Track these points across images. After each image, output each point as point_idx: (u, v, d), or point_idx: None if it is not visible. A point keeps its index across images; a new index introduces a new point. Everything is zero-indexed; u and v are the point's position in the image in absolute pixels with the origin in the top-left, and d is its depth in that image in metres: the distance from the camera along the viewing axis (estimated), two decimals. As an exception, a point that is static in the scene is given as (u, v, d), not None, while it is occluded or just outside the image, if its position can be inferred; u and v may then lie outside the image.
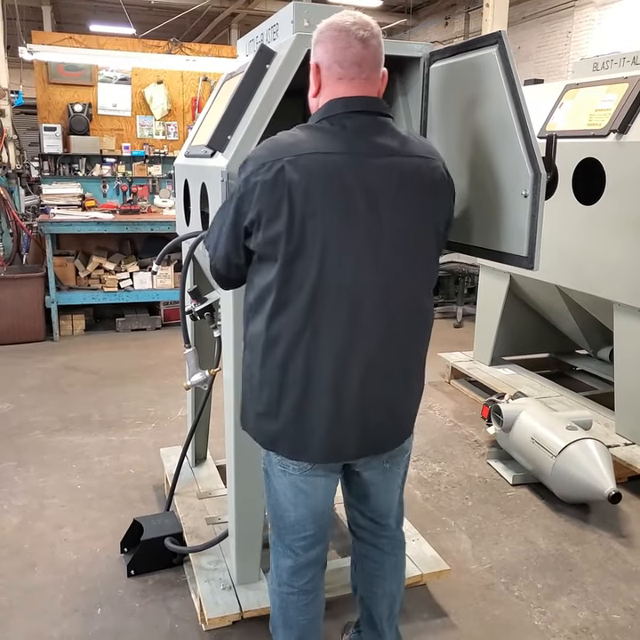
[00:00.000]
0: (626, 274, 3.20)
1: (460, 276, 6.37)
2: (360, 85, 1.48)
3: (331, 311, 1.43)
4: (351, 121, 1.46)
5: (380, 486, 1.71)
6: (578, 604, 2.37)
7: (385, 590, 1.85)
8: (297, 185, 1.38)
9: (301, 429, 1.50)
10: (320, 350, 1.45)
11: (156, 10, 10.96)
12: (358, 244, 1.43)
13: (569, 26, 9.48)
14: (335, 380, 1.47)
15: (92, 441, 3.61)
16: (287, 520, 1.63)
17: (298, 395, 1.48)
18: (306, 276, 1.41)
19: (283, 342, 1.46)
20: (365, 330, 1.47)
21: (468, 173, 1.88)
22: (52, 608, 2.29)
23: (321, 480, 1.59)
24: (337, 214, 1.41)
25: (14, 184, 5.92)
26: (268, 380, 1.50)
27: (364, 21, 1.47)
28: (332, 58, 1.47)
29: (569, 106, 3.61)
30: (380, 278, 1.46)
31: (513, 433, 3.21)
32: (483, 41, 1.76)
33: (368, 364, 1.49)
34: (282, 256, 1.41)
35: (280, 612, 1.73)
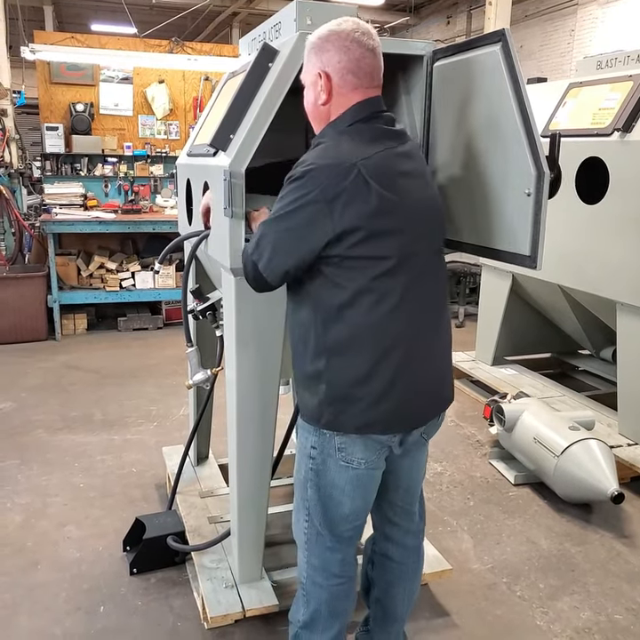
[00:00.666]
0: (629, 273, 3.19)
1: (462, 276, 6.36)
2: (373, 92, 1.59)
3: (413, 291, 1.54)
4: (382, 119, 1.57)
5: (415, 462, 1.76)
6: (580, 605, 2.37)
7: (406, 591, 1.88)
8: (378, 181, 1.44)
9: (402, 399, 1.56)
10: (413, 328, 1.55)
11: (157, 9, 10.96)
12: (427, 218, 1.60)
13: (572, 24, 9.46)
14: (419, 347, 1.57)
15: (95, 440, 3.61)
16: (341, 512, 1.66)
17: (402, 369, 1.54)
18: (402, 257, 1.50)
19: (394, 329, 1.52)
20: (428, 297, 1.60)
21: (471, 171, 1.87)
22: (54, 606, 2.30)
23: (378, 471, 1.66)
24: (411, 199, 1.52)
25: (16, 184, 5.93)
26: (381, 368, 1.52)
27: (368, 30, 1.55)
28: (347, 68, 1.53)
29: (572, 104, 3.60)
30: (431, 247, 1.61)
31: (515, 433, 3.20)
32: (486, 39, 1.75)
33: (431, 328, 1.61)
34: (393, 248, 1.48)
35: (327, 605, 1.73)
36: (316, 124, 1.62)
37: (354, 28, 1.52)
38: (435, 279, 1.63)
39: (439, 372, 1.66)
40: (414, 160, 1.60)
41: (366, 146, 1.49)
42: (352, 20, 1.56)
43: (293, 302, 1.62)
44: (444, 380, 1.69)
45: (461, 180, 1.93)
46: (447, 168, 1.99)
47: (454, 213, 1.97)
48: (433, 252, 1.63)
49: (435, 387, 1.65)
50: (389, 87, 2.18)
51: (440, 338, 1.65)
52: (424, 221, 1.58)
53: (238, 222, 1.85)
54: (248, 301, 1.94)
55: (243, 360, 2.04)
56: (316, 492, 1.65)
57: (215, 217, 2.01)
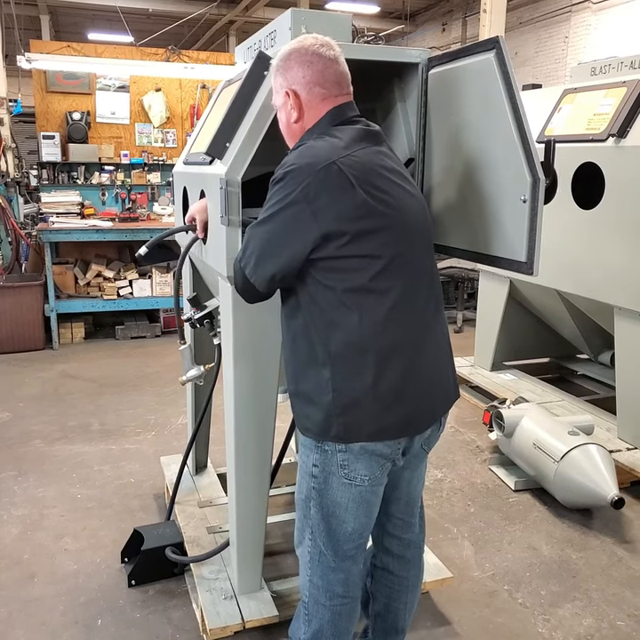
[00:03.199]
0: (626, 278, 3.19)
1: (460, 281, 6.37)
2: (344, 99, 1.58)
3: (409, 288, 1.53)
4: (359, 122, 1.57)
5: (415, 474, 1.74)
6: (582, 611, 2.35)
7: (407, 604, 1.86)
8: (359, 178, 1.43)
9: (412, 401, 1.55)
10: (412, 326, 1.54)
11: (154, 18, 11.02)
12: (414, 214, 1.57)
13: (566, 31, 9.52)
14: (421, 346, 1.56)
15: (92, 450, 3.60)
16: (344, 531, 1.61)
17: (407, 370, 1.53)
18: (395, 255, 1.49)
19: (394, 330, 1.50)
20: (427, 299, 1.60)
21: (467, 178, 1.87)
22: (51, 619, 2.28)
23: (380, 488, 1.63)
24: (397, 196, 1.51)
25: (13, 192, 5.93)
26: (387, 369, 1.49)
27: (327, 42, 1.56)
28: (312, 81, 1.53)
29: (567, 110, 3.62)
30: (422, 245, 1.60)
31: (515, 438, 3.19)
32: (480, 46, 1.76)
33: (431, 328, 1.61)
34: (383, 246, 1.47)
35: (330, 625, 1.69)
36: (291, 144, 1.61)
37: (312, 43, 1.54)
38: (430, 278, 1.62)
39: (443, 369, 1.65)
40: (393, 159, 1.60)
41: (348, 144, 1.48)
42: (310, 35, 1.58)
43: (288, 313, 1.58)
44: (447, 378, 1.67)
45: (457, 187, 1.93)
46: (443, 175, 1.99)
47: (450, 220, 1.97)
48: (425, 250, 1.61)
49: (439, 385, 1.64)
50: (385, 95, 2.19)
51: (439, 337, 1.64)
52: (412, 219, 1.56)
53: (234, 230, 1.85)
54: (245, 309, 1.93)
55: (241, 368, 2.03)
56: (319, 512, 1.61)
57: (211, 225, 2.00)
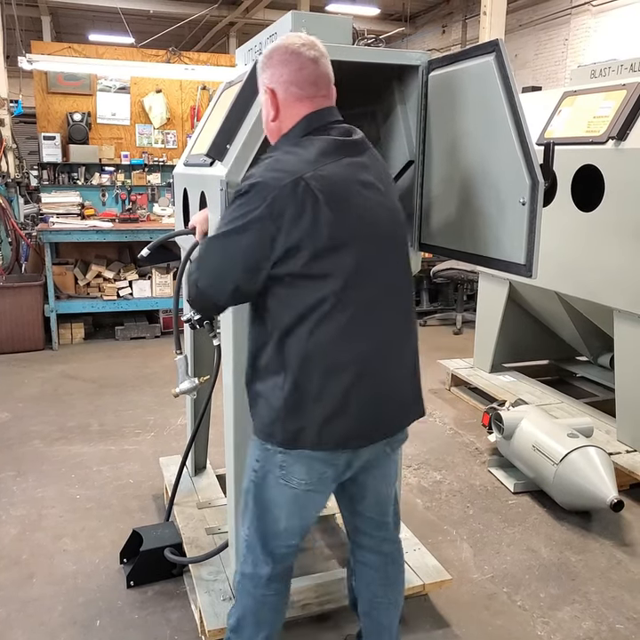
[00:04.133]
0: (625, 280, 3.19)
1: (460, 283, 6.37)
2: (320, 102, 1.55)
3: (370, 306, 1.52)
4: (335, 130, 1.53)
5: (379, 475, 1.72)
6: (581, 614, 2.35)
7: (390, 599, 1.86)
8: (325, 193, 1.42)
9: (356, 417, 1.54)
10: (368, 343, 1.53)
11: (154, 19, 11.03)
12: (386, 228, 1.56)
13: (566, 33, 9.54)
14: (376, 364, 1.54)
15: (91, 450, 3.59)
16: (276, 528, 1.65)
17: (355, 387, 1.52)
18: (355, 273, 1.48)
19: (345, 347, 1.50)
20: (393, 316, 1.59)
21: (467, 181, 1.88)
22: (50, 620, 2.27)
23: (319, 495, 1.63)
24: (365, 211, 1.50)
25: (13, 193, 5.93)
26: (333, 389, 1.50)
27: (311, 41, 1.53)
28: (288, 80, 1.52)
29: (567, 113, 3.62)
30: (390, 260, 1.58)
31: (514, 440, 3.19)
32: (480, 49, 1.77)
33: (393, 345, 1.59)
34: (344, 264, 1.46)
35: (252, 613, 1.74)
36: (272, 141, 1.61)
37: (293, 42, 1.52)
38: (399, 294, 1.60)
39: (403, 387, 1.63)
40: (370, 171, 1.55)
41: (317, 158, 1.45)
42: (295, 34, 1.57)
43: (251, 317, 1.60)
44: (408, 396, 1.65)
45: (457, 189, 1.93)
46: (443, 177, 1.99)
47: (450, 222, 1.98)
48: (396, 264, 1.59)
49: (395, 403, 1.61)
50: (385, 97, 2.20)
51: (405, 354, 1.63)
52: (384, 234, 1.54)
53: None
54: (245, 311, 1.93)
55: (240, 369, 2.03)
56: (255, 505, 1.65)
57: (211, 232, 2.00)
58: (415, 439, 3.75)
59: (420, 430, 3.88)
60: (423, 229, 2.11)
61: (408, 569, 2.33)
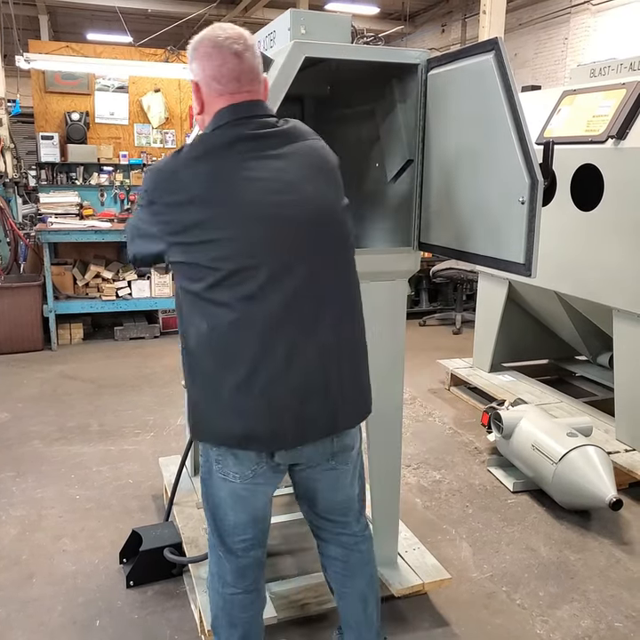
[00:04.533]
0: (625, 280, 3.19)
1: (459, 283, 6.37)
2: (242, 98, 1.50)
3: (265, 303, 1.47)
4: (250, 125, 1.49)
5: (326, 485, 1.69)
6: (580, 613, 2.35)
7: (354, 589, 1.83)
8: (205, 188, 1.41)
9: (252, 419, 1.51)
10: (260, 341, 1.47)
11: (152, 18, 11.01)
12: (280, 224, 1.46)
13: (565, 32, 9.53)
14: (275, 366, 1.48)
15: (91, 450, 3.59)
16: (227, 523, 1.65)
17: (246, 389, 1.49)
18: (239, 269, 1.44)
19: (228, 345, 1.48)
20: (300, 313, 1.50)
21: (465, 179, 1.88)
22: (50, 620, 2.27)
23: (260, 487, 1.61)
24: (257, 206, 1.44)
25: (12, 193, 5.92)
26: (223, 388, 1.50)
27: (236, 34, 1.49)
28: (210, 75, 1.50)
29: (566, 112, 3.62)
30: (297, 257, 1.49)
31: (513, 440, 3.19)
32: (479, 47, 1.76)
33: (305, 347, 1.50)
34: (221, 258, 1.42)
35: (224, 612, 1.74)
36: None
37: (218, 34, 1.47)
38: (312, 292, 1.49)
39: (319, 394, 1.51)
40: (287, 161, 1.48)
41: (205, 151, 1.44)
42: (220, 25, 1.51)
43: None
44: (330, 403, 1.53)
45: (456, 187, 1.93)
46: (441, 176, 1.99)
47: (449, 221, 1.98)
48: (308, 262, 1.48)
49: (312, 411, 1.51)
50: (385, 96, 2.19)
51: (327, 358, 1.51)
52: (280, 229, 1.45)
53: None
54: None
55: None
56: (206, 501, 1.67)
57: None
58: (414, 439, 3.76)
59: (420, 430, 3.89)
60: (422, 229, 2.11)
61: (407, 568, 2.34)
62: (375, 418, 2.21)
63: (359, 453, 1.74)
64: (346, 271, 1.59)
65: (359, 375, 1.62)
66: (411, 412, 4.12)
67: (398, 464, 2.33)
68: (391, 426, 2.26)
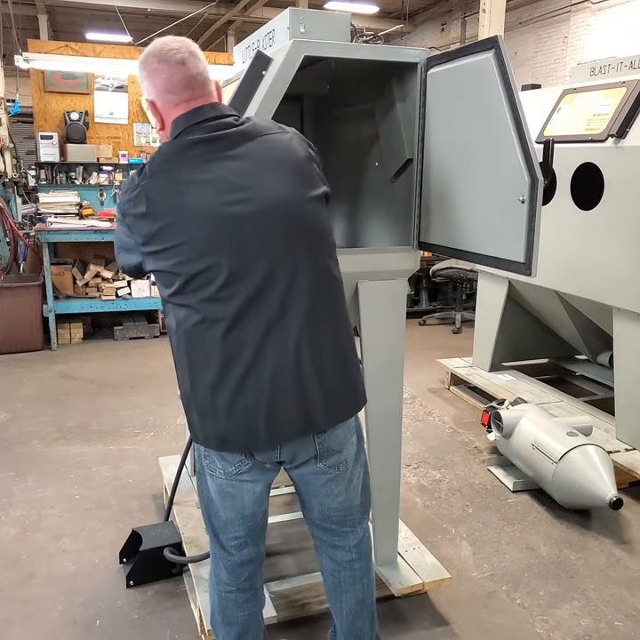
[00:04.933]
0: (625, 279, 3.19)
1: (459, 282, 6.36)
2: (197, 103, 1.52)
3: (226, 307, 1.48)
4: (204, 129, 1.49)
5: (319, 489, 1.67)
6: (580, 612, 2.35)
7: (344, 604, 1.81)
8: (158, 198, 1.44)
9: (228, 421, 1.52)
10: (222, 345, 1.48)
11: (152, 17, 11.01)
12: (250, 227, 1.45)
13: (565, 31, 9.53)
14: (243, 367, 1.48)
15: (91, 450, 3.59)
16: (220, 520, 1.66)
17: (218, 392, 1.50)
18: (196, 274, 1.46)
19: (195, 348, 1.50)
20: (264, 315, 1.49)
21: (466, 178, 1.87)
22: (49, 620, 2.27)
23: (246, 484, 1.60)
24: (208, 209, 1.44)
25: (11, 193, 5.92)
26: (198, 389, 1.54)
27: (177, 43, 1.52)
28: (163, 89, 1.52)
29: (567, 111, 3.62)
30: (259, 259, 1.48)
31: (513, 439, 3.19)
32: (479, 46, 1.76)
33: (270, 351, 1.49)
34: (180, 264, 1.45)
35: (220, 609, 1.75)
36: None
37: (161, 48, 1.51)
38: (278, 290, 1.46)
39: (287, 392, 1.48)
40: (244, 159, 1.47)
41: (164, 162, 1.47)
42: (160, 39, 1.55)
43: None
44: (295, 404, 1.50)
45: (455, 187, 1.93)
46: (441, 175, 1.99)
47: (448, 220, 1.97)
48: (270, 259, 1.46)
49: (283, 412, 1.49)
50: (384, 95, 2.19)
51: (298, 354, 1.48)
52: (234, 229, 1.44)
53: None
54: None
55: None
56: (201, 499, 1.70)
57: None
58: (414, 438, 3.75)
59: (420, 429, 3.88)
60: (422, 228, 2.11)
61: (407, 567, 2.34)
62: (375, 417, 2.22)
63: (358, 462, 1.71)
64: (318, 264, 1.53)
65: (342, 373, 1.57)
66: (410, 412, 4.12)
67: (398, 463, 2.33)
68: (391, 425, 2.26)
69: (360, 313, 2.11)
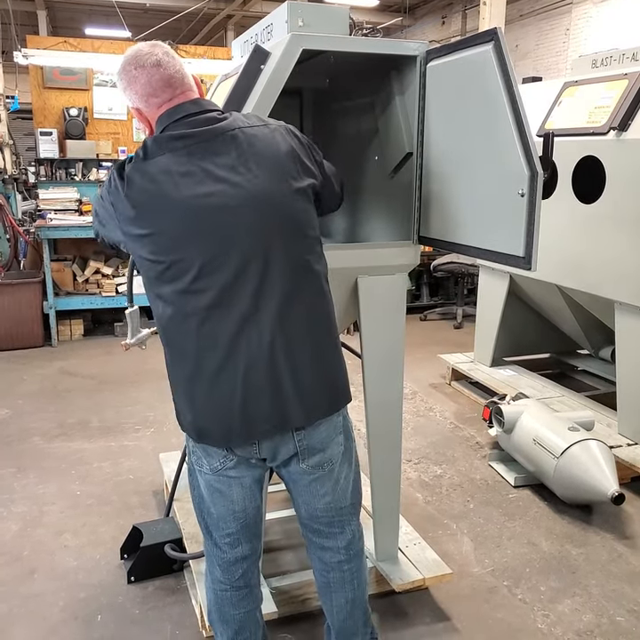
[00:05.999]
0: (627, 273, 3.18)
1: (460, 277, 6.35)
2: (179, 100, 1.54)
3: (208, 296, 1.49)
4: (185, 125, 1.50)
5: (304, 488, 1.66)
6: (581, 607, 2.35)
7: (332, 603, 1.81)
8: (138, 185, 1.45)
9: (201, 415, 1.54)
10: (211, 331, 1.50)
11: (151, 12, 10.96)
12: (220, 219, 1.45)
13: (567, 23, 9.47)
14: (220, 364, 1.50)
15: (92, 446, 3.59)
16: (211, 516, 1.66)
17: (196, 384, 1.53)
18: (175, 262, 1.48)
19: (174, 338, 1.54)
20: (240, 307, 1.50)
21: (465, 171, 1.86)
22: (51, 615, 2.27)
23: (234, 480, 1.60)
24: (192, 199, 1.44)
25: (11, 189, 5.90)
26: (178, 377, 1.57)
27: (149, 47, 1.54)
28: (145, 94, 1.53)
29: (568, 103, 3.59)
30: (239, 253, 1.47)
31: (514, 434, 3.18)
32: (478, 38, 1.74)
33: (253, 343, 1.50)
34: (160, 251, 1.46)
35: (216, 607, 1.75)
36: None
37: (134, 54, 1.52)
38: (252, 284, 1.45)
39: (265, 389, 1.48)
40: (223, 153, 1.47)
41: (148, 155, 1.48)
42: (132, 47, 1.56)
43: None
44: (270, 401, 1.49)
45: (455, 180, 1.91)
46: (441, 168, 1.97)
47: (448, 214, 1.96)
48: (244, 252, 1.45)
49: (260, 407, 1.49)
50: (383, 88, 2.17)
51: (272, 350, 1.47)
52: (207, 221, 1.44)
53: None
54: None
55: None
56: (192, 493, 1.70)
57: None
58: (415, 433, 3.75)
59: (421, 424, 3.88)
60: (422, 222, 2.09)
61: (408, 563, 2.34)
62: (375, 412, 2.21)
63: (346, 462, 1.69)
64: (296, 258, 1.51)
65: (320, 369, 1.54)
66: (411, 407, 4.12)
67: (399, 459, 2.32)
68: (392, 420, 2.25)
69: (360, 308, 2.10)
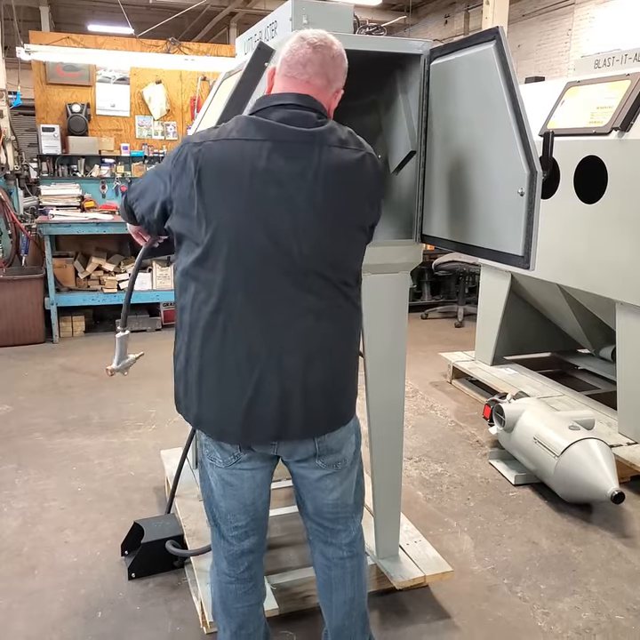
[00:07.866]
0: (628, 272, 3.18)
1: (461, 276, 6.35)
2: (299, 85, 1.52)
3: (237, 295, 1.50)
4: (276, 113, 1.49)
5: (314, 483, 1.67)
6: (581, 605, 2.36)
7: (332, 602, 1.82)
8: (201, 166, 1.43)
9: (209, 411, 1.56)
10: (236, 329, 1.51)
11: (154, 9, 10.94)
12: (264, 226, 1.45)
13: (569, 23, 9.46)
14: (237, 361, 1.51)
15: (93, 443, 3.60)
16: (220, 509, 1.67)
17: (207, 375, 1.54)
18: (216, 249, 1.47)
19: (204, 325, 1.52)
20: (268, 314, 1.51)
21: (466, 171, 1.86)
22: (51, 611, 2.28)
23: (247, 473, 1.61)
24: (247, 197, 1.44)
25: (13, 185, 5.90)
26: (190, 364, 1.57)
27: (323, 36, 1.53)
28: (284, 58, 1.54)
29: (570, 103, 3.59)
30: (274, 263, 1.47)
31: (515, 433, 3.19)
32: (480, 37, 1.74)
33: (277, 345, 1.51)
34: (204, 235, 1.45)
35: (220, 600, 1.76)
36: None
37: (308, 32, 1.55)
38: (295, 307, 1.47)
39: (268, 397, 1.49)
40: (294, 163, 1.44)
41: (227, 132, 1.47)
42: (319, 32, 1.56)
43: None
44: (277, 408, 1.50)
45: (456, 179, 1.91)
46: (443, 167, 1.97)
47: (450, 213, 1.96)
48: (282, 269, 1.45)
49: (274, 410, 1.50)
50: (387, 86, 2.17)
51: (288, 361, 1.48)
52: (263, 231, 1.43)
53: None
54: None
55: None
56: (202, 485, 1.72)
57: None
58: (416, 432, 3.76)
59: (421, 423, 3.89)
60: (424, 221, 2.10)
61: (408, 560, 2.34)
62: (377, 411, 2.22)
63: (356, 461, 1.72)
64: (339, 281, 1.53)
65: (334, 383, 1.56)
66: (412, 405, 4.12)
67: (400, 457, 2.33)
68: (393, 419, 2.26)
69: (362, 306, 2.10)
